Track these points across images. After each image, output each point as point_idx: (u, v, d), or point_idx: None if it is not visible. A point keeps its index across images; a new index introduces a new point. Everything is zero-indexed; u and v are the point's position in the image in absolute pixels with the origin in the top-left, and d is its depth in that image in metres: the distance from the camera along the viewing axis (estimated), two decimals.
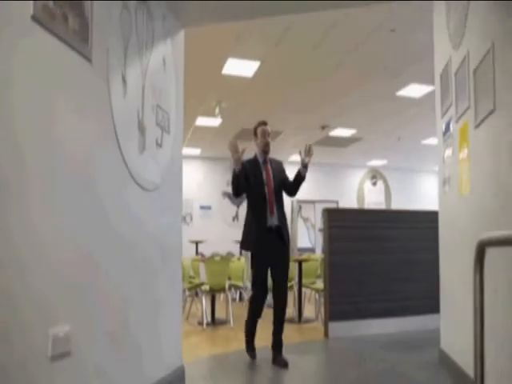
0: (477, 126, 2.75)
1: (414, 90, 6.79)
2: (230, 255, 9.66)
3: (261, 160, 4.11)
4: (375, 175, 12.97)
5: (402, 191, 12.88)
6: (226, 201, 12.02)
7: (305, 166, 4.00)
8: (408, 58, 5.70)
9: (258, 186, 4.00)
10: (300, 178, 4.06)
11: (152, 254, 2.68)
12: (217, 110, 7.93)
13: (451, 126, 3.43)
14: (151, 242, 2.67)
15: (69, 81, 1.88)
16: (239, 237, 12.39)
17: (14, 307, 1.50)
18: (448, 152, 3.58)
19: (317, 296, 6.37)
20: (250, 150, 4.12)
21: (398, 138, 9.56)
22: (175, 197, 3.09)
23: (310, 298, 7.87)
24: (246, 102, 7.70)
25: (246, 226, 4.13)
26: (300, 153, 4.05)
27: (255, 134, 4.14)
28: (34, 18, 1.64)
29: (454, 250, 3.41)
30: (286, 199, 4.32)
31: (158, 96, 2.77)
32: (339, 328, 5.08)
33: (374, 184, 12.97)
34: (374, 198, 12.86)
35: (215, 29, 4.52)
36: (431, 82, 4.62)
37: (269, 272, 4.01)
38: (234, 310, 6.41)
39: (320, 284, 6.11)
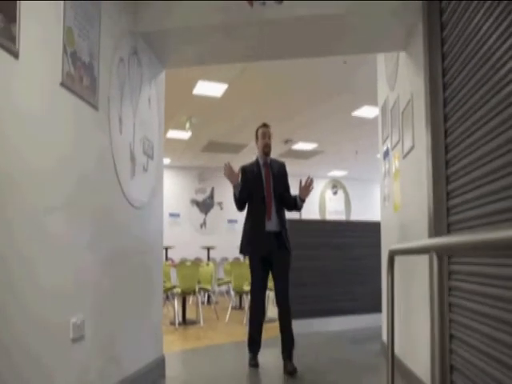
0: (404, 157, 3.43)
1: (367, 112, 7.53)
2: (197, 260, 10.20)
3: (261, 162, 4.06)
4: (336, 185, 13.75)
5: (360, 200, 13.69)
6: (195, 208, 12.53)
7: (302, 200, 4.03)
8: (359, 85, 6.42)
9: (257, 190, 3.94)
10: (296, 207, 4.09)
11: (140, 261, 3.23)
12: (187, 125, 8.49)
13: (389, 152, 4.12)
14: (139, 251, 3.22)
15: (82, 125, 2.44)
16: (207, 243, 12.84)
17: (46, 303, 2.05)
18: (387, 173, 4.26)
19: None
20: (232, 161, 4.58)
21: (355, 152, 10.32)
22: (158, 212, 3.65)
23: (273, 300, 8.48)
24: (214, 118, 8.29)
25: (243, 229, 4.09)
26: (300, 183, 4.02)
27: (256, 136, 4.11)
28: (63, 84, 2.20)
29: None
30: None
31: (144, 129, 3.34)
32: (298, 325, 5.69)
33: (335, 193, 13.75)
34: (334, 207, 13.62)
35: None
36: None
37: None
38: (204, 312, 6.96)
39: None
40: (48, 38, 2.11)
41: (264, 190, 3.94)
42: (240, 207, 4.01)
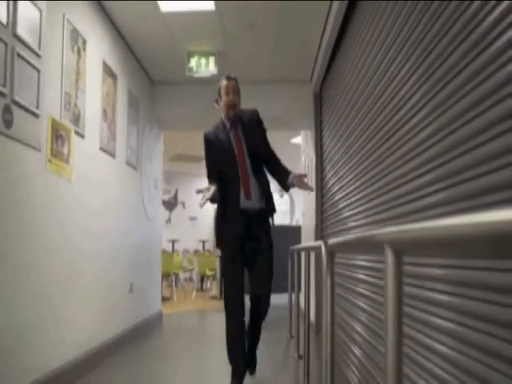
0: (308, 193, 5.78)
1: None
2: (164, 251, 12.33)
3: (228, 124, 3.07)
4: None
5: (302, 202, 16.18)
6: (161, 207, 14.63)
7: (292, 185, 3.22)
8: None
9: (229, 166, 2.98)
10: (283, 186, 3.25)
11: (150, 251, 5.44)
12: None
13: None
14: (150, 245, 5.43)
15: (131, 179, 4.63)
16: (171, 236, 14.92)
17: (118, 276, 4.25)
18: (305, 196, 6.63)
19: None
20: None
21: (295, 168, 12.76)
22: (159, 222, 5.86)
23: None
24: (182, 138, 10.46)
25: (215, 220, 3.25)
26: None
27: (219, 94, 3.10)
28: (127, 163, 4.40)
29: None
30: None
31: (154, 171, 5.54)
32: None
33: (281, 196, 16.16)
34: (281, 208, 16.02)
35: None
36: None
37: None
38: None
39: None
40: (120, 144, 4.31)
41: (237, 163, 2.98)
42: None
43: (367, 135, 2.90)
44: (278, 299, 8.47)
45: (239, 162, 2.98)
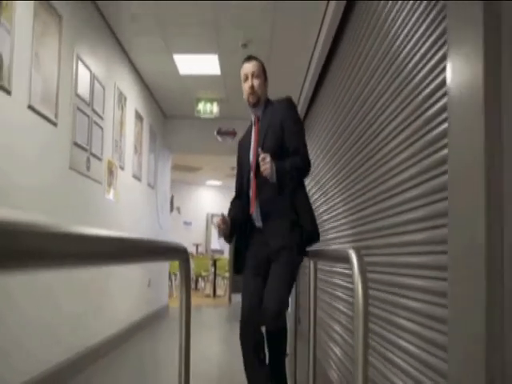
0: None
1: None
2: None
3: (252, 119, 2.61)
4: None
5: None
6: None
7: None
8: None
9: (243, 167, 2.54)
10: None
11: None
12: None
13: None
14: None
15: (149, 197, 5.86)
16: (167, 240, 16.47)
17: (141, 273, 5.47)
18: None
19: (225, 281, 10.51)
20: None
21: None
22: (169, 231, 7.08)
23: (220, 284, 12.04)
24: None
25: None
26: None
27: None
28: (148, 185, 5.64)
29: None
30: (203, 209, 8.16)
31: (165, 187, 6.77)
32: (237, 298, 9.23)
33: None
34: None
35: None
36: None
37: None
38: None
39: (227, 274, 10.26)
40: (144, 170, 5.54)
41: (250, 167, 2.45)
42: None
43: (349, 155, 3.05)
44: None
45: (252, 165, 2.41)
